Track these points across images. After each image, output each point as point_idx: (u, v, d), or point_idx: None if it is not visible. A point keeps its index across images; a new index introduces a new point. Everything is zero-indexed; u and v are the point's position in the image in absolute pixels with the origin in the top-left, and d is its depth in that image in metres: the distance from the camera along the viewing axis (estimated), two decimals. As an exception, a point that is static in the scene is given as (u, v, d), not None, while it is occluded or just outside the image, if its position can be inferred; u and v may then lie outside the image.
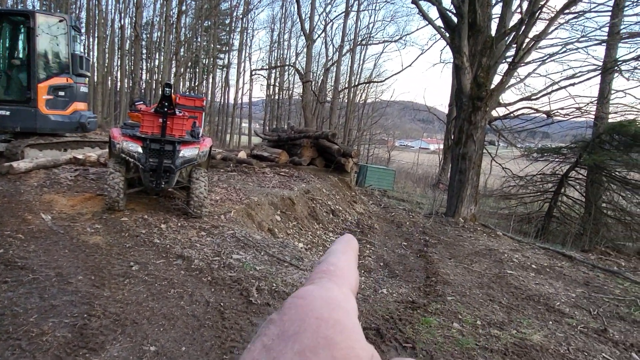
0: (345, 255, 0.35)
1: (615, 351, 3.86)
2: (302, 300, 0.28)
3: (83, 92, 8.84)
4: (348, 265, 0.34)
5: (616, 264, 7.63)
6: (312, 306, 0.27)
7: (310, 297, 0.28)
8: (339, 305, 0.28)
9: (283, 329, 0.26)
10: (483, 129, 10.22)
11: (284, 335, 0.25)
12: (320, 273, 0.32)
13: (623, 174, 11.91)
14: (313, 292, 0.29)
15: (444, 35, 10.82)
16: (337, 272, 0.33)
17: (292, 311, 0.27)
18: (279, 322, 0.27)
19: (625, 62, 12.12)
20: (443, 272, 5.80)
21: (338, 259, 0.34)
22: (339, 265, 0.33)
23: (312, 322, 0.26)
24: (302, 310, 0.27)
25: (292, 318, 0.27)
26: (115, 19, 29.13)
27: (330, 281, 0.31)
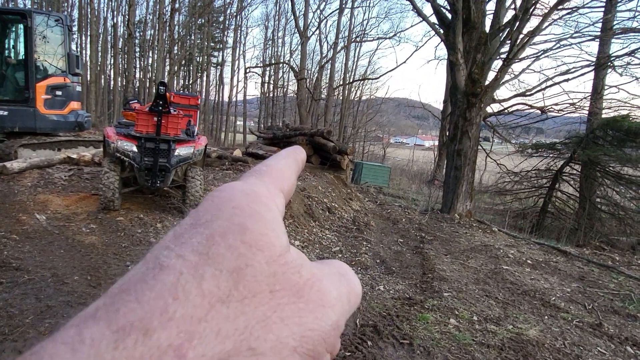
0: (285, 160, 0.34)
1: (610, 345, 3.89)
2: (221, 192, 0.27)
3: (78, 91, 8.81)
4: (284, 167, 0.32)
5: (610, 258, 7.68)
6: (231, 197, 0.26)
7: (230, 189, 0.27)
8: (260, 199, 0.27)
9: (197, 218, 0.25)
10: (478, 125, 10.24)
11: (196, 224, 0.24)
12: (250, 172, 0.31)
13: (617, 169, 11.99)
14: (234, 186, 0.28)
15: (439, 31, 10.83)
16: (269, 172, 0.31)
17: (209, 202, 0.26)
18: (194, 213, 0.26)
19: (619, 58, 12.21)
20: (439, 268, 5.82)
21: (276, 162, 0.33)
22: (273, 167, 0.32)
23: (228, 210, 0.25)
24: (220, 201, 0.26)
25: (207, 208, 0.25)
26: (108, 17, 29.02)
27: (257, 179, 0.30)
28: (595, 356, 3.57)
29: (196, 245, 0.23)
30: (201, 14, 29.56)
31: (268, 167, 0.32)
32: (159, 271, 0.22)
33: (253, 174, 0.31)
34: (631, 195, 11.83)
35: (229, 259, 0.23)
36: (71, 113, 8.35)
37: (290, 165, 0.34)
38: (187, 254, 0.23)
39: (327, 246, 6.83)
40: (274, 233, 0.25)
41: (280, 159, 0.34)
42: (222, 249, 0.23)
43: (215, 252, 0.23)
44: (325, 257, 6.26)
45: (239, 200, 0.26)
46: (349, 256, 6.42)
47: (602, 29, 12.64)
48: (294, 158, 0.35)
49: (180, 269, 0.22)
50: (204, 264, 0.22)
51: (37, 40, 7.84)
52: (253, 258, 0.23)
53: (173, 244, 0.24)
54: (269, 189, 0.29)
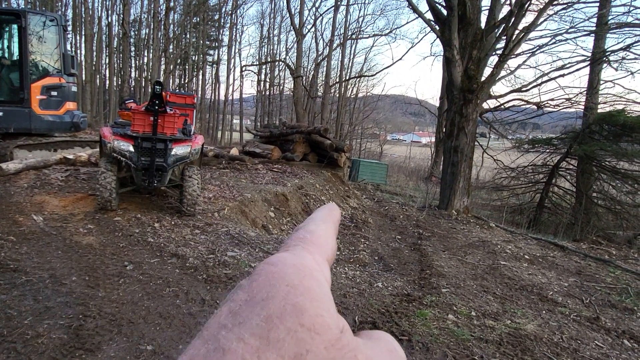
0: (325, 224, 0.34)
1: (607, 338, 3.92)
2: (273, 267, 0.27)
3: (74, 91, 8.78)
4: (326, 233, 0.33)
5: (607, 252, 7.73)
6: (283, 273, 0.26)
7: (281, 264, 0.27)
8: (311, 273, 0.27)
9: (251, 295, 0.25)
10: (474, 121, 10.26)
11: (252, 301, 0.25)
12: (295, 240, 0.31)
13: (613, 164, 12.04)
14: (285, 259, 0.28)
15: (434, 28, 10.84)
16: (313, 240, 0.32)
17: (262, 278, 0.26)
18: (247, 288, 0.26)
19: (614, 53, 12.25)
20: (437, 264, 5.84)
21: (317, 226, 0.33)
22: (315, 233, 0.32)
23: (282, 288, 0.25)
24: (272, 277, 0.26)
25: (261, 284, 0.26)
26: (103, 17, 28.84)
27: (304, 249, 0.30)
28: (592, 350, 3.60)
29: (255, 327, 0.23)
30: (196, 12, 29.46)
31: (312, 235, 0.32)
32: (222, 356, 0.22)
33: (299, 243, 0.31)
34: (627, 190, 11.89)
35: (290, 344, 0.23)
36: (67, 113, 8.32)
37: (330, 229, 0.35)
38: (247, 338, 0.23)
39: (325, 244, 6.83)
40: (328, 314, 0.26)
41: (320, 224, 0.34)
42: (282, 333, 0.23)
43: (275, 336, 0.23)
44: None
45: (292, 278, 0.26)
46: (347, 253, 6.43)
47: (597, 24, 12.68)
48: (332, 220, 0.36)
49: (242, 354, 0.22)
50: (265, 350, 0.23)
51: (32, 41, 7.80)
52: (312, 343, 0.24)
53: (231, 323, 0.24)
54: (317, 261, 0.30)
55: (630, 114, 11.53)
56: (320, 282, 0.28)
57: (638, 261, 7.18)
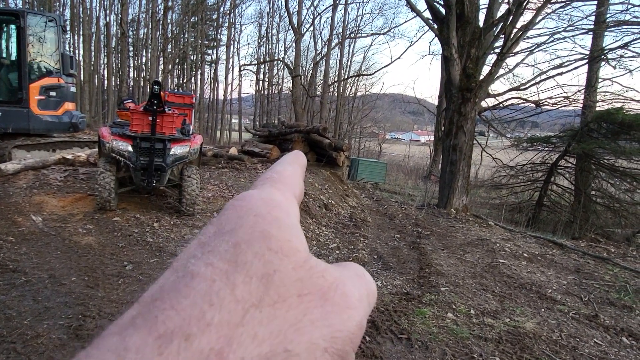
0: (292, 166, 0.35)
1: (606, 336, 3.93)
2: (241, 201, 0.27)
3: (72, 92, 8.77)
4: (293, 174, 0.34)
5: (606, 250, 7.74)
6: (251, 205, 0.27)
7: (249, 198, 0.28)
8: (279, 205, 0.28)
9: (220, 227, 0.26)
10: (473, 119, 10.27)
11: (220, 232, 0.25)
12: (263, 180, 0.32)
13: (611, 162, 12.05)
14: (252, 194, 0.28)
15: (433, 27, 10.83)
16: (281, 180, 0.32)
17: (230, 211, 0.27)
18: (216, 222, 0.26)
19: (612, 51, 12.28)
20: (436, 263, 5.85)
21: (283, 168, 0.34)
22: (283, 174, 0.33)
23: (250, 218, 0.26)
24: (241, 210, 0.26)
25: (229, 217, 0.26)
26: (101, 16, 28.80)
27: (272, 187, 0.31)
28: (591, 347, 3.61)
29: (223, 253, 0.24)
30: (194, 12, 29.43)
31: (279, 174, 0.33)
32: (191, 279, 0.23)
33: (266, 182, 0.32)
34: (626, 187, 11.90)
35: (258, 266, 0.24)
36: (65, 114, 8.32)
37: (297, 171, 0.35)
38: (215, 262, 0.23)
39: (325, 243, 6.84)
40: (297, 239, 0.26)
41: (287, 166, 0.35)
42: (250, 257, 0.24)
43: (243, 259, 0.24)
44: (323, 254, 6.27)
45: (259, 208, 0.27)
46: (346, 252, 6.44)
47: (595, 22, 12.69)
48: (299, 164, 0.37)
49: (211, 276, 0.23)
50: (233, 271, 0.23)
51: (30, 41, 7.79)
52: (280, 264, 0.24)
53: (200, 252, 0.24)
54: (285, 196, 0.30)
55: (628, 112, 11.54)
56: (288, 214, 0.28)
57: (636, 259, 7.20)
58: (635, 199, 11.75)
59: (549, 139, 13.82)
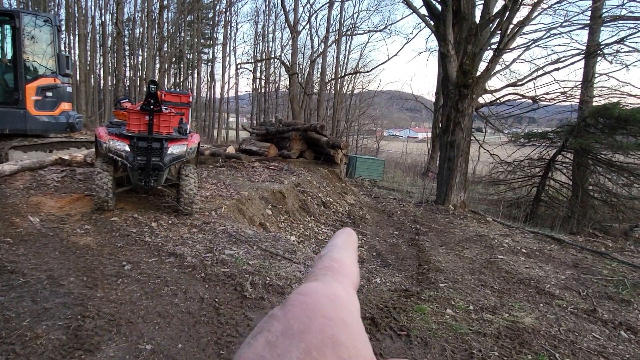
0: (347, 251, 0.35)
1: (604, 330, 3.95)
2: (306, 297, 0.27)
3: (68, 92, 8.75)
4: (350, 261, 0.34)
5: (604, 245, 7.77)
6: (317, 304, 0.27)
7: (314, 294, 0.28)
8: (343, 304, 0.28)
9: (287, 325, 0.25)
10: (470, 116, 10.27)
11: (288, 333, 0.25)
12: (323, 269, 0.32)
13: (608, 157, 12.08)
14: (317, 289, 0.28)
15: (429, 23, 10.82)
16: (340, 269, 0.32)
17: (297, 309, 0.27)
18: (282, 318, 0.26)
19: (608, 46, 12.28)
20: (435, 259, 5.86)
21: (340, 254, 0.34)
22: (341, 262, 0.33)
23: (318, 320, 0.26)
24: (307, 308, 0.26)
25: (296, 315, 0.26)
26: (96, 16, 28.69)
27: (333, 278, 0.31)
28: (590, 342, 3.62)
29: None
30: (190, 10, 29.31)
31: (338, 264, 0.33)
32: None
33: (327, 272, 0.32)
34: (623, 182, 11.93)
35: None
36: (62, 114, 8.29)
37: (353, 256, 0.35)
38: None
39: (323, 241, 6.85)
40: (364, 346, 0.26)
41: (343, 251, 0.35)
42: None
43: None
44: (322, 251, 6.27)
45: (326, 308, 0.27)
46: (345, 250, 6.44)
47: (591, 17, 12.69)
48: (353, 247, 0.37)
49: None
50: None
51: (25, 41, 7.76)
52: None
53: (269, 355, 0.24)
54: (347, 291, 0.30)
55: (625, 107, 11.56)
56: (352, 314, 0.28)
57: (634, 253, 7.22)
58: (632, 194, 11.79)
59: (546, 134, 13.84)
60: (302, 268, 4.29)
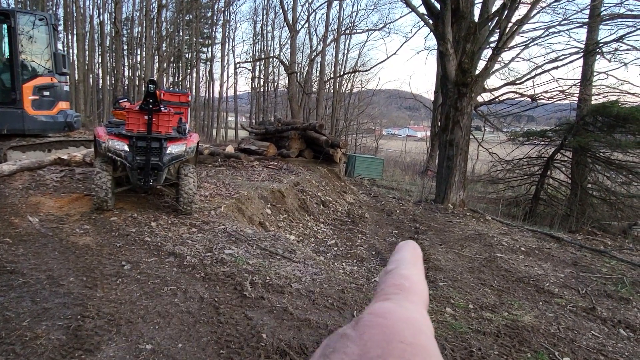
0: (416, 268, 0.34)
1: (603, 328, 3.96)
2: (381, 319, 0.26)
3: (66, 91, 8.73)
4: (419, 279, 0.33)
5: (602, 243, 7.78)
6: (394, 328, 0.26)
7: (390, 316, 0.27)
8: (421, 328, 0.27)
9: (365, 349, 0.24)
10: (469, 114, 10.27)
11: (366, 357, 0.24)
12: (393, 287, 0.31)
13: (607, 155, 12.10)
14: (392, 311, 0.27)
15: (428, 22, 10.81)
16: (412, 289, 0.31)
17: (373, 331, 0.26)
18: (358, 340, 0.25)
19: (607, 44, 12.29)
20: (434, 258, 5.86)
21: (409, 271, 0.33)
22: (411, 279, 0.32)
23: (397, 346, 0.25)
24: (384, 332, 0.25)
25: (373, 339, 0.25)
26: (94, 15, 28.64)
27: (406, 299, 0.30)
28: (589, 340, 3.63)
29: None
30: (189, 9, 29.28)
31: (409, 283, 0.32)
32: None
33: (398, 292, 0.31)
34: (621, 180, 11.96)
35: None
36: (60, 113, 8.28)
37: (421, 273, 0.34)
38: None
39: (323, 240, 6.85)
40: None
41: (412, 268, 0.34)
42: None
43: None
44: (321, 250, 6.28)
45: (404, 334, 0.26)
46: (344, 249, 6.45)
47: (590, 16, 12.70)
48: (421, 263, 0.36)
49: None
50: None
51: (22, 41, 7.74)
52: None
53: None
54: (421, 313, 0.29)
55: (623, 105, 11.58)
56: (430, 338, 0.27)
57: (633, 251, 7.24)
58: (631, 192, 11.81)
59: (545, 132, 13.86)
60: (302, 267, 4.30)
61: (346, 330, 0.26)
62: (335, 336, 0.27)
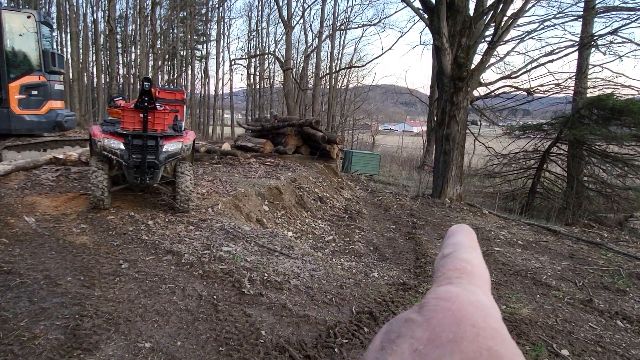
0: (475, 251, 0.33)
1: (601, 320, 3.98)
2: (449, 303, 0.26)
3: (58, 89, 8.63)
4: (480, 262, 0.32)
5: (599, 235, 7.82)
6: (464, 311, 0.25)
7: (457, 300, 0.26)
8: (490, 311, 0.26)
9: (434, 333, 0.24)
10: (465, 109, 10.28)
11: (437, 342, 0.23)
12: (455, 272, 0.30)
13: (603, 147, 12.14)
14: (459, 295, 0.27)
15: (423, 16, 10.80)
16: (475, 272, 0.30)
17: (440, 315, 0.25)
18: (425, 325, 0.24)
19: (602, 37, 12.31)
20: (432, 252, 5.88)
21: (469, 255, 0.32)
22: (472, 263, 0.31)
23: (469, 329, 0.24)
24: (454, 315, 0.25)
25: (442, 322, 0.24)
26: (88, 13, 28.45)
27: (470, 283, 0.29)
28: (587, 331, 3.65)
29: None
30: (183, 6, 29.12)
31: (472, 267, 0.31)
32: None
33: (462, 276, 0.30)
34: (617, 173, 12.00)
35: None
36: (50, 112, 8.18)
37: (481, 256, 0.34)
38: None
39: (320, 236, 6.85)
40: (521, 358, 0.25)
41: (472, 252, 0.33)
42: None
43: None
44: (319, 246, 6.29)
45: (475, 317, 0.25)
46: (342, 245, 6.45)
47: (584, 9, 12.71)
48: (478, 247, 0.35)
49: None
50: None
51: (7, 39, 7.64)
52: None
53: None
54: (488, 297, 0.29)
55: (619, 98, 11.61)
56: (499, 321, 0.26)
57: (629, 243, 7.28)
58: (627, 184, 11.86)
59: (541, 126, 13.88)
60: (300, 263, 4.30)
61: (411, 315, 0.26)
62: (398, 321, 0.26)
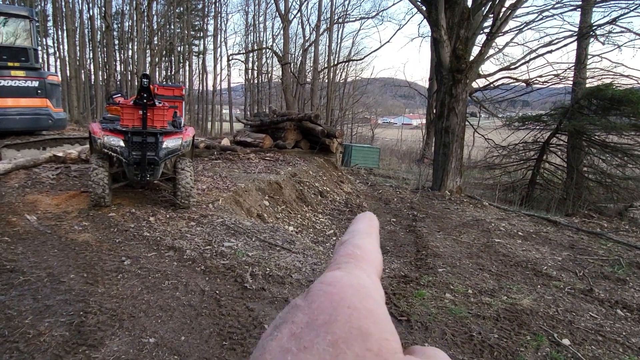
0: (370, 237, 0.34)
1: (601, 309, 4.01)
2: (330, 287, 0.27)
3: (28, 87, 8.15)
4: (372, 247, 0.33)
5: (599, 225, 7.84)
6: (342, 294, 0.26)
7: (338, 284, 0.27)
8: (369, 294, 0.27)
9: (312, 317, 0.25)
10: (464, 101, 10.26)
11: (314, 324, 0.24)
12: (345, 257, 0.31)
13: (602, 138, 12.13)
14: (342, 279, 0.27)
15: (421, 8, 10.75)
16: (363, 256, 0.31)
17: (321, 299, 0.26)
18: (306, 309, 0.26)
19: (600, 27, 12.26)
20: (433, 245, 5.90)
21: (362, 241, 0.33)
22: (364, 249, 0.32)
23: (344, 311, 0.25)
24: (332, 298, 0.26)
25: (321, 306, 0.25)
26: (84, 10, 28.32)
27: (357, 267, 0.30)
28: (587, 321, 3.68)
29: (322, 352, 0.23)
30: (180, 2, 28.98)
31: (361, 251, 0.32)
32: None
33: (350, 260, 0.31)
34: (617, 163, 12.01)
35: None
36: None
37: (375, 242, 0.34)
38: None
39: (321, 230, 6.87)
40: (392, 336, 0.26)
41: (366, 237, 0.34)
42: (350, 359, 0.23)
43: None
44: (320, 241, 6.31)
45: (352, 299, 0.26)
46: (343, 238, 6.45)
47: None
48: (375, 231, 0.36)
49: None
50: None
51: None
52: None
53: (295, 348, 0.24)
54: (372, 279, 0.29)
55: (618, 88, 11.59)
56: (378, 303, 0.27)
57: (629, 233, 7.30)
58: (626, 174, 11.87)
59: (540, 117, 13.86)
60: (301, 258, 4.32)
61: (297, 301, 0.27)
62: (286, 308, 0.27)
